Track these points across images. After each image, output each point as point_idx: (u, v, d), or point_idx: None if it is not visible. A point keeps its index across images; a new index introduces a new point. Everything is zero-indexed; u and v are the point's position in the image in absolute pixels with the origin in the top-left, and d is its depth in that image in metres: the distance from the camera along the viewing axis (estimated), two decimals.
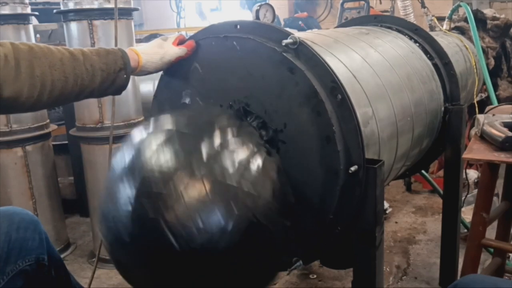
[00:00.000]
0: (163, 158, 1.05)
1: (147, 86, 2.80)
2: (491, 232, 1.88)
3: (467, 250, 1.70)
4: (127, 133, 1.18)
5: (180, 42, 1.38)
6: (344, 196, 1.20)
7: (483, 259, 2.03)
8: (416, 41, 1.96)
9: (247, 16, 6.51)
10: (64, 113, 3.17)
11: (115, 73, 1.24)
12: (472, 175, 2.73)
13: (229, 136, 1.12)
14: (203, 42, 1.37)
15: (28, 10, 2.46)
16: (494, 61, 2.98)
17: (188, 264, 1.02)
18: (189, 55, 1.38)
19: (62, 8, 2.33)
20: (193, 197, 1.00)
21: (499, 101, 2.72)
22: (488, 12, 3.05)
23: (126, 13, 2.36)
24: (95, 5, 2.27)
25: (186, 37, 1.41)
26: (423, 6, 3.07)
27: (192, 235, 0.98)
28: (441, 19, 2.96)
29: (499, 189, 2.02)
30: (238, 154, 1.09)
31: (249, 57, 1.27)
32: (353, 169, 1.17)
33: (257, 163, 1.10)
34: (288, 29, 1.39)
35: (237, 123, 1.20)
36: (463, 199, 2.13)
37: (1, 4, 2.31)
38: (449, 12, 2.86)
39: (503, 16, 3.06)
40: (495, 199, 1.99)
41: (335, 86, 1.18)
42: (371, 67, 1.52)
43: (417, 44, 1.95)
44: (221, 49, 1.32)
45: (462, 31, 2.89)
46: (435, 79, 1.87)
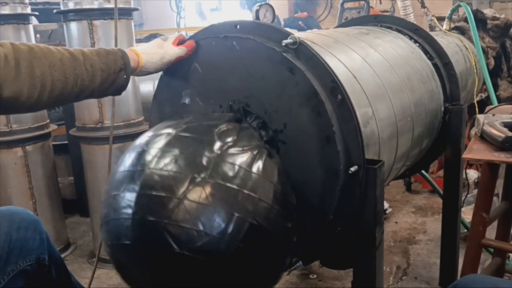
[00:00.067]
0: (164, 162, 1.05)
1: (147, 86, 2.80)
2: (491, 232, 1.88)
3: (467, 250, 1.70)
4: (127, 133, 1.19)
5: (180, 42, 1.38)
6: (344, 196, 1.20)
7: (483, 259, 2.03)
8: (416, 41, 1.96)
9: (247, 16, 6.51)
10: (64, 113, 3.17)
11: (115, 73, 1.24)
12: (472, 175, 2.73)
13: (229, 139, 1.12)
14: (203, 42, 1.37)
15: (28, 10, 2.46)
16: (494, 61, 2.99)
17: (189, 267, 1.02)
18: (189, 55, 1.38)
19: (62, 8, 2.33)
20: (193, 200, 1.00)
21: (500, 101, 2.72)
22: (488, 12, 3.05)
23: (126, 13, 2.36)
24: (95, 5, 2.27)
25: (186, 37, 1.41)
26: (423, 6, 3.07)
27: (192, 238, 0.99)
28: (441, 19, 2.96)
29: (499, 189, 2.02)
30: (238, 157, 1.09)
31: (249, 57, 1.27)
32: (353, 170, 1.17)
33: (257, 165, 1.10)
34: (288, 29, 1.39)
35: (237, 126, 1.20)
36: (463, 199, 2.13)
37: (1, 4, 2.31)
38: (449, 12, 2.86)
39: (503, 16, 3.06)
40: (495, 199, 1.99)
41: (335, 86, 1.18)
42: (371, 67, 1.52)
43: (417, 44, 1.95)
44: (221, 49, 1.32)
45: (462, 31, 2.89)
46: (435, 79, 1.87)
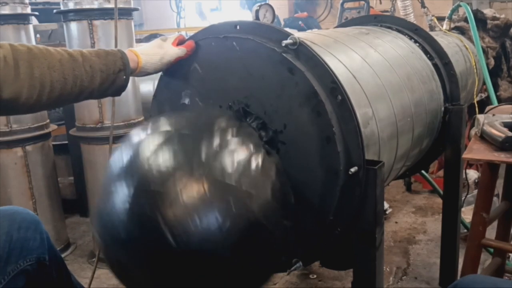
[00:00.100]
0: (162, 157, 1.04)
1: (147, 86, 2.80)
2: (491, 232, 1.88)
3: (467, 250, 1.70)
4: (127, 133, 1.19)
5: (180, 42, 1.38)
6: (344, 196, 1.20)
7: (483, 259, 2.03)
8: (416, 41, 1.96)
9: (247, 16, 6.51)
10: (64, 113, 3.17)
11: (115, 74, 1.24)
12: (472, 175, 2.73)
13: (229, 136, 1.11)
14: (202, 43, 1.37)
15: (28, 10, 2.46)
16: (494, 61, 2.98)
17: (185, 263, 1.01)
18: (188, 55, 1.37)
19: (62, 8, 2.33)
20: (191, 195, 0.99)
21: (500, 101, 2.72)
22: (488, 12, 3.05)
23: (126, 13, 2.36)
24: (95, 5, 2.27)
25: (186, 37, 1.41)
26: (423, 6, 3.07)
27: (189, 233, 0.98)
28: (441, 19, 2.96)
29: (499, 189, 2.02)
30: (237, 154, 1.08)
31: (249, 57, 1.26)
32: (353, 170, 1.17)
33: (256, 163, 1.10)
34: (288, 29, 1.39)
35: (237, 123, 1.20)
36: (463, 199, 2.13)
37: (1, 4, 2.31)
38: (449, 12, 2.86)
39: (503, 16, 3.06)
40: (495, 199, 1.99)
41: (335, 87, 1.18)
42: (371, 67, 1.52)
43: (417, 44, 1.95)
44: (221, 49, 1.32)
45: (462, 31, 2.89)
46: (435, 79, 1.87)
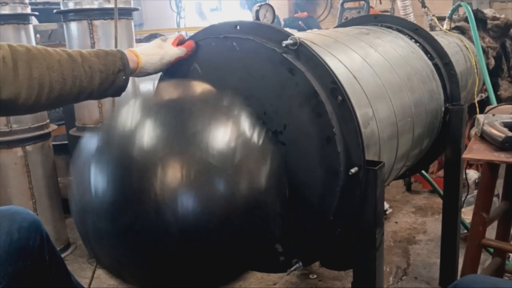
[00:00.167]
0: (148, 128, 1.00)
1: (147, 86, 2.79)
2: (491, 232, 1.88)
3: (467, 250, 1.70)
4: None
5: (180, 42, 1.38)
6: (344, 197, 1.20)
7: (483, 259, 2.03)
8: (416, 41, 1.96)
9: (247, 16, 6.51)
10: (64, 113, 3.17)
11: (114, 74, 1.24)
12: (472, 175, 2.73)
13: (225, 109, 1.09)
14: (202, 43, 1.37)
15: (28, 10, 2.46)
16: (494, 61, 2.98)
17: (171, 242, 0.98)
18: (188, 55, 1.37)
19: (62, 8, 2.33)
20: (178, 172, 0.96)
21: (500, 101, 2.72)
22: (488, 12, 3.05)
23: (126, 13, 2.36)
24: (95, 5, 2.27)
25: (186, 38, 1.41)
26: (423, 6, 3.07)
27: (176, 212, 0.95)
28: (441, 19, 2.96)
29: (499, 189, 2.02)
30: (232, 133, 1.05)
31: (249, 57, 1.26)
32: (353, 171, 1.17)
33: (252, 142, 1.06)
34: (288, 29, 1.38)
35: (238, 103, 1.15)
36: (463, 199, 2.13)
37: (1, 4, 2.31)
38: (449, 12, 2.86)
39: (503, 16, 3.06)
40: (495, 199, 1.99)
41: (335, 87, 1.18)
42: (371, 67, 1.52)
43: (418, 44, 1.95)
44: (221, 49, 1.31)
45: (463, 31, 2.89)
46: (435, 79, 1.87)
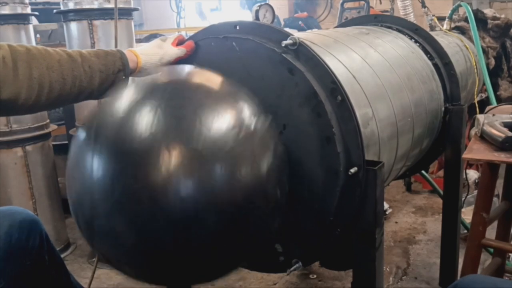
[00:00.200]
0: (145, 112, 0.97)
1: None
2: (491, 232, 1.88)
3: (467, 250, 1.70)
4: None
5: (180, 42, 1.38)
6: (344, 197, 1.20)
7: (483, 259, 2.03)
8: (416, 41, 1.96)
9: (247, 16, 6.51)
10: (64, 113, 3.17)
11: (114, 74, 1.24)
12: (472, 175, 2.73)
13: (228, 96, 1.08)
14: (202, 43, 1.37)
15: (28, 10, 2.46)
16: (494, 61, 2.98)
17: (169, 228, 0.96)
18: (188, 55, 1.37)
19: (62, 8, 2.33)
20: (174, 153, 0.94)
21: (500, 101, 2.72)
22: (489, 12, 3.05)
23: (126, 13, 2.36)
24: (95, 5, 2.27)
25: (185, 38, 1.41)
26: (423, 6, 3.07)
27: (173, 198, 0.94)
28: (441, 19, 2.96)
29: (499, 189, 2.02)
30: (234, 114, 1.04)
31: (249, 57, 1.26)
32: (353, 171, 1.17)
33: (254, 129, 1.05)
34: (288, 30, 1.38)
35: (242, 89, 1.14)
36: (463, 199, 2.13)
37: (1, 4, 2.31)
38: (450, 12, 2.86)
39: (503, 16, 3.06)
40: (495, 199, 1.99)
41: (335, 87, 1.18)
42: (371, 67, 1.52)
43: (418, 44, 1.95)
44: (221, 49, 1.31)
45: (463, 31, 2.89)
46: (435, 79, 1.87)
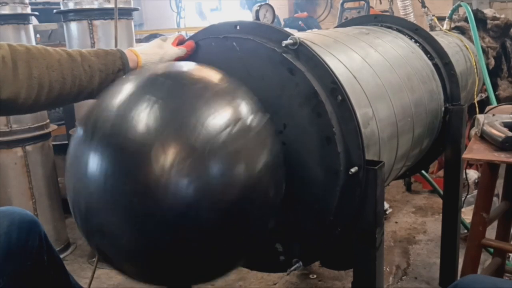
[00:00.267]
0: (143, 115, 0.97)
1: None
2: (491, 232, 1.88)
3: (467, 250, 1.70)
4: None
5: (180, 42, 1.38)
6: (344, 196, 1.20)
7: (483, 259, 2.03)
8: (416, 41, 1.96)
9: (247, 16, 6.51)
10: (64, 113, 3.17)
11: (114, 73, 1.24)
12: (472, 175, 2.73)
13: (225, 92, 1.08)
14: (202, 43, 1.37)
15: (28, 10, 2.46)
16: (494, 61, 2.98)
17: (168, 226, 0.96)
18: (188, 55, 1.37)
19: (62, 8, 2.33)
20: (174, 156, 0.94)
21: (499, 101, 2.72)
22: (488, 12, 3.05)
23: (126, 13, 2.36)
24: (95, 5, 2.27)
25: (185, 37, 1.41)
26: (423, 6, 3.07)
27: (172, 196, 0.93)
28: (441, 19, 2.96)
29: (499, 189, 2.02)
30: (231, 114, 1.03)
31: (249, 57, 1.26)
32: (353, 171, 1.17)
33: (250, 126, 1.05)
34: (288, 29, 1.38)
35: (242, 86, 1.14)
36: (463, 199, 2.13)
37: (1, 4, 2.31)
38: (449, 12, 2.86)
39: (503, 16, 3.06)
40: (495, 199, 1.99)
41: (335, 87, 1.18)
42: (371, 67, 1.52)
43: (418, 44, 1.95)
44: (221, 49, 1.31)
45: (462, 31, 2.89)
46: (435, 79, 1.87)
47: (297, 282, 2.29)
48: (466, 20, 2.79)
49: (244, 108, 1.08)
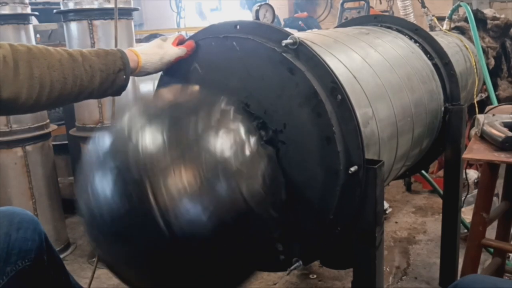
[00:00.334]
0: (149, 136, 1.00)
1: (147, 86, 2.80)
2: (491, 232, 1.88)
3: (467, 250, 1.70)
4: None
5: (180, 42, 1.38)
6: (344, 196, 1.20)
7: (483, 259, 2.03)
8: (416, 41, 1.96)
9: (247, 16, 6.51)
10: (64, 113, 3.17)
11: (115, 73, 1.24)
12: (472, 175, 2.73)
13: (226, 115, 1.10)
14: (202, 43, 1.37)
15: (28, 10, 2.46)
16: (494, 61, 2.98)
17: (176, 247, 0.98)
18: (188, 55, 1.37)
19: (62, 8, 2.33)
20: (181, 178, 0.96)
21: (499, 101, 2.72)
22: (488, 12, 3.05)
23: (126, 13, 2.36)
24: (95, 5, 2.27)
25: (186, 37, 1.41)
26: (423, 6, 3.07)
27: (180, 217, 0.95)
28: (441, 19, 2.96)
29: (499, 189, 2.02)
30: (230, 136, 1.06)
31: (249, 57, 1.26)
32: (353, 170, 1.17)
33: (249, 146, 1.08)
34: (288, 29, 1.39)
35: (234, 108, 1.16)
36: (463, 199, 2.13)
37: (1, 4, 2.31)
38: (449, 12, 2.86)
39: (503, 16, 3.06)
40: (495, 199, 1.99)
41: (335, 87, 1.18)
42: (371, 67, 1.52)
43: (417, 44, 1.95)
44: (221, 49, 1.31)
45: (462, 31, 2.89)
46: (435, 79, 1.87)
47: (297, 282, 2.29)
48: (466, 20, 2.79)
49: (241, 130, 1.10)
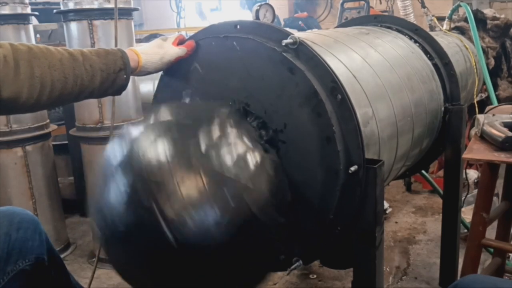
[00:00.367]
0: (161, 148, 1.03)
1: (147, 86, 2.80)
2: (491, 232, 1.88)
3: (467, 250, 1.70)
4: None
5: (180, 42, 1.38)
6: (344, 196, 1.20)
7: (483, 259, 2.03)
8: (416, 41, 1.96)
9: (247, 16, 6.51)
10: (64, 113, 3.17)
11: (115, 73, 1.24)
12: (472, 175, 2.73)
13: (228, 129, 1.11)
14: (203, 42, 1.37)
15: (28, 10, 2.46)
16: (494, 61, 2.99)
17: (183, 256, 1.00)
18: (189, 55, 1.37)
19: (62, 8, 2.33)
20: (189, 188, 0.98)
21: (499, 101, 2.72)
22: (488, 12, 3.05)
23: (126, 13, 2.36)
24: (95, 5, 2.27)
25: (186, 37, 1.42)
26: (423, 6, 3.07)
27: (187, 227, 0.97)
28: (441, 19, 2.96)
29: (499, 189, 2.02)
30: (237, 147, 1.08)
31: (249, 57, 1.26)
32: (353, 169, 1.17)
33: (255, 157, 1.09)
34: (288, 29, 1.39)
35: (236, 117, 1.19)
36: (463, 199, 2.13)
37: (1, 4, 2.31)
38: (449, 12, 2.86)
39: (503, 16, 3.06)
40: (495, 199, 1.99)
41: (335, 86, 1.18)
42: (371, 67, 1.52)
43: (417, 44, 1.95)
44: (221, 49, 1.32)
45: (462, 31, 2.89)
46: (435, 79, 1.87)
47: (297, 282, 2.29)
48: (466, 20, 2.79)
49: (248, 138, 1.13)
